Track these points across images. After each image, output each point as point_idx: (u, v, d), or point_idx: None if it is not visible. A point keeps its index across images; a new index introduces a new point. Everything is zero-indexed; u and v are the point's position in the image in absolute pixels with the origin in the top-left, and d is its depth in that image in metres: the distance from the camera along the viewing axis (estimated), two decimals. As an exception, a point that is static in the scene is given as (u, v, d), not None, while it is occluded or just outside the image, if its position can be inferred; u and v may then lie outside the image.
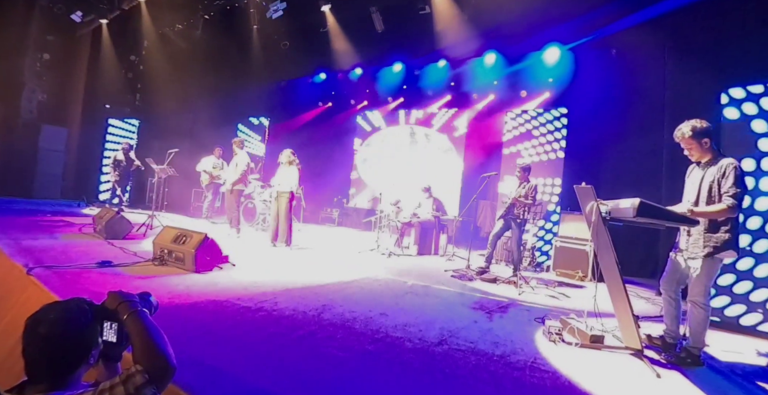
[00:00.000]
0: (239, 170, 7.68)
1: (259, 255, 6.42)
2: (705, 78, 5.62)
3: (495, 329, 3.74)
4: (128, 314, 1.25)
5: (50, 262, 4.36)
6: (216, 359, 2.61)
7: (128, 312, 1.26)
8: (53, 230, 6.66)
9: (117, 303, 1.28)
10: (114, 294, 1.32)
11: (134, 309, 1.27)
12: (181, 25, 11.48)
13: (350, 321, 3.58)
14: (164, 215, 9.18)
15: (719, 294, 4.32)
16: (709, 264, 3.11)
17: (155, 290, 3.86)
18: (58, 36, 11.65)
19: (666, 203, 3.31)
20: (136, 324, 1.23)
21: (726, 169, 3.05)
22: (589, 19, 7.43)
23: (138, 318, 1.25)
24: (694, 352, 3.20)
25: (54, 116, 11.78)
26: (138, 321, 1.24)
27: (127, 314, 1.25)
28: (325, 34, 10.15)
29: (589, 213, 3.34)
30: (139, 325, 1.23)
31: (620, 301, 3.22)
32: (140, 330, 1.22)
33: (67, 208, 9.75)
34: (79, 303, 1.23)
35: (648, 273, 6.77)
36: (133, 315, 1.25)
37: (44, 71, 11.62)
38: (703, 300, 3.14)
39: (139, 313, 1.27)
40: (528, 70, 9.12)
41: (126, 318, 1.25)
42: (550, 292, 5.50)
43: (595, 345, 3.34)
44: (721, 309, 4.29)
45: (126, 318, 1.25)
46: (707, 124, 3.16)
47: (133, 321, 1.24)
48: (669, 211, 3.06)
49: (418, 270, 6.31)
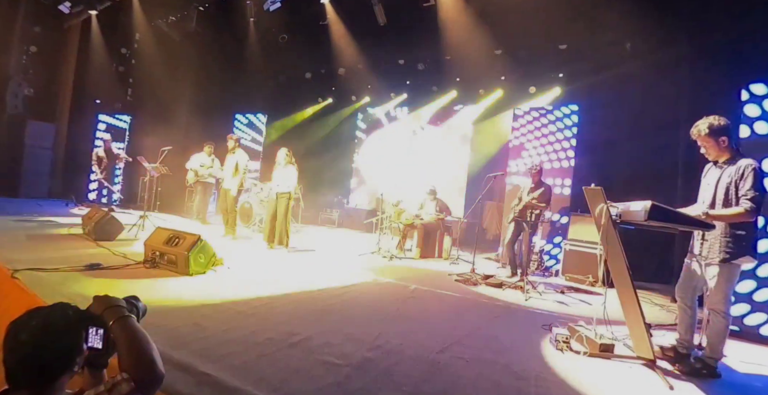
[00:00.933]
0: (241, 172, 7.70)
1: (255, 257, 6.44)
2: (724, 73, 5.60)
3: (500, 336, 3.74)
4: (114, 320, 1.26)
5: (36, 265, 4.37)
6: (208, 365, 2.62)
7: (114, 318, 1.26)
8: (40, 231, 6.69)
9: (103, 309, 1.29)
10: (100, 299, 1.33)
11: (121, 315, 1.28)
12: (175, 17, 11.49)
13: (348, 327, 3.59)
14: (157, 215, 9.20)
15: (738, 302, 4.30)
16: (727, 270, 3.08)
17: (146, 294, 3.89)
18: (45, 27, 11.67)
19: (681, 206, 3.30)
20: (122, 330, 1.24)
21: (744, 170, 3.03)
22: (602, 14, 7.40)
23: (125, 324, 1.26)
24: (711, 363, 3.18)
25: (41, 111, 11.82)
26: (125, 327, 1.25)
27: (114, 320, 1.26)
28: (325, 27, 10.16)
29: (598, 215, 3.34)
30: (126, 332, 1.24)
31: (631, 308, 3.22)
32: (127, 336, 1.23)
33: (54, 208, 9.80)
34: (63, 308, 1.23)
35: (663, 278, 6.73)
36: (120, 321, 1.26)
37: (31, 64, 11.65)
38: (724, 308, 3.11)
39: (125, 319, 1.27)
40: (538, 65, 9.08)
41: (112, 325, 1.25)
42: (559, 298, 5.50)
43: (604, 354, 3.33)
44: (740, 317, 4.27)
45: (112, 324, 1.25)
46: (725, 122, 3.14)
47: (120, 327, 1.24)
48: (683, 215, 3.04)
49: (421, 274, 6.32)
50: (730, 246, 3.06)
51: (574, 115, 7.80)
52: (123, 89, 13.30)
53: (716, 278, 3.11)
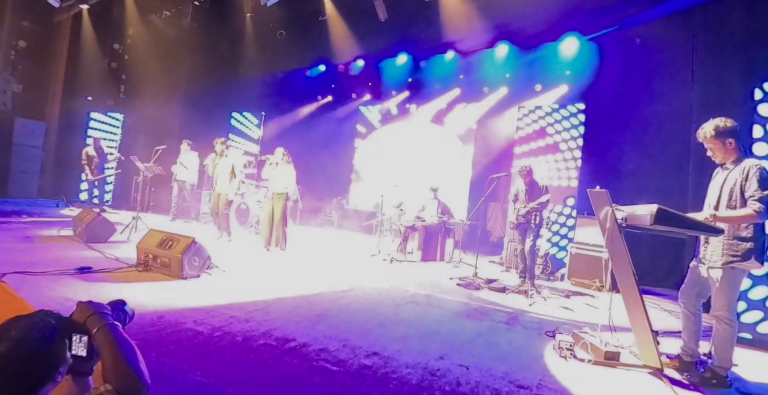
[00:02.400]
0: (238, 176, 7.75)
1: (251, 260, 6.46)
2: (737, 71, 5.59)
3: (501, 343, 3.75)
4: (98, 328, 1.26)
5: (25, 268, 4.40)
6: (200, 372, 2.64)
7: (98, 326, 1.26)
8: (29, 232, 6.71)
9: (86, 316, 1.29)
10: (83, 306, 1.33)
11: (104, 322, 1.28)
12: (169, 12, 11.56)
13: (345, 333, 3.61)
14: (150, 217, 9.24)
15: (751, 309, 4.30)
16: (730, 274, 3.09)
17: (138, 298, 3.93)
18: (34, 22, 11.71)
19: (692, 210, 3.30)
20: (105, 338, 1.24)
21: (748, 171, 3.04)
22: (611, 7, 7.43)
23: (108, 332, 1.26)
24: (720, 372, 3.18)
25: (30, 109, 11.84)
26: (108, 335, 1.25)
27: (97, 328, 1.26)
28: (324, 22, 10.19)
29: (603, 219, 3.35)
30: (109, 340, 1.24)
31: (637, 315, 3.23)
32: (110, 345, 1.22)
33: (44, 208, 9.84)
34: (45, 317, 1.23)
35: (673, 283, 6.70)
36: (103, 329, 1.26)
37: (19, 60, 11.66)
38: (727, 314, 3.12)
39: (109, 326, 1.27)
40: (543, 61, 9.11)
41: (95, 332, 1.25)
42: (564, 303, 5.51)
43: (609, 362, 3.35)
44: (752, 324, 4.27)
45: (95, 332, 1.25)
46: (732, 123, 3.15)
47: (103, 335, 1.24)
48: (690, 219, 3.04)
49: (421, 278, 6.33)
50: (733, 250, 3.07)
51: (581, 114, 7.81)
52: (115, 86, 13.31)
53: (719, 283, 3.11)
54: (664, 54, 7.25)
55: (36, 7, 11.37)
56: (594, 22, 7.92)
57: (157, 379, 1.33)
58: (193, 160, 9.89)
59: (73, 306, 1.36)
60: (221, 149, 7.82)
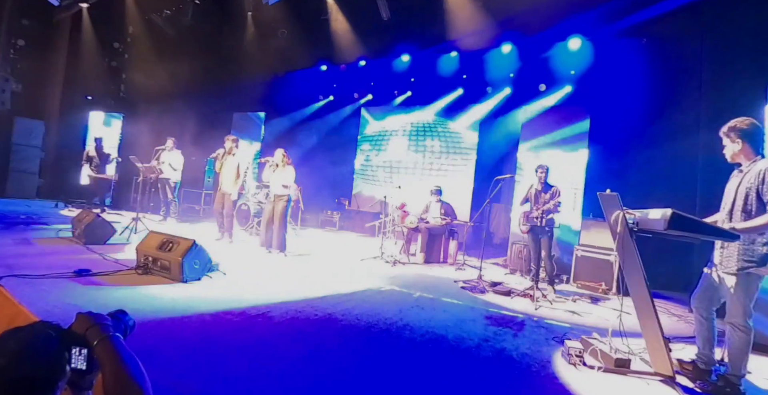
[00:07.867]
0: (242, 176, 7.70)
1: (252, 262, 6.41)
2: (748, 70, 5.53)
3: (508, 349, 3.70)
4: (98, 340, 1.22)
5: (22, 270, 4.37)
6: (201, 382, 2.59)
7: (98, 338, 1.22)
8: (26, 233, 6.68)
9: (86, 327, 1.25)
10: (83, 317, 1.29)
11: (105, 335, 1.24)
12: (170, 11, 11.53)
13: (349, 339, 3.56)
14: (150, 218, 9.21)
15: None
16: (745, 280, 3.03)
17: (137, 302, 3.88)
18: (34, 20, 11.71)
19: (700, 213, 3.25)
20: (106, 351, 1.20)
21: (764, 174, 2.98)
22: (617, 5, 7.38)
23: (109, 344, 1.22)
24: (733, 380, 3.12)
25: (29, 108, 11.84)
26: (109, 348, 1.21)
27: (97, 340, 1.22)
28: (326, 21, 10.17)
29: (614, 223, 3.30)
30: (110, 353, 1.20)
31: (649, 321, 3.18)
32: (111, 359, 1.19)
33: (43, 209, 9.81)
34: (44, 329, 1.19)
35: (680, 286, 6.65)
36: (104, 342, 1.22)
37: (19, 59, 11.67)
38: (743, 321, 3.06)
39: (110, 339, 1.23)
40: (548, 61, 9.05)
41: (96, 345, 1.22)
42: (570, 307, 5.45)
43: (620, 369, 3.29)
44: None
45: (96, 344, 1.22)
46: (749, 124, 3.10)
47: (104, 348, 1.21)
48: (706, 224, 2.98)
49: (425, 281, 6.29)
50: (748, 255, 3.02)
51: (586, 114, 7.75)
52: (115, 85, 13.33)
53: (733, 289, 3.06)
54: (672, 52, 7.19)
55: (35, 5, 11.37)
56: (599, 21, 7.86)
57: (158, 391, 1.29)
58: (178, 159, 9.81)
59: (71, 310, 1.32)
60: (230, 146, 7.73)
